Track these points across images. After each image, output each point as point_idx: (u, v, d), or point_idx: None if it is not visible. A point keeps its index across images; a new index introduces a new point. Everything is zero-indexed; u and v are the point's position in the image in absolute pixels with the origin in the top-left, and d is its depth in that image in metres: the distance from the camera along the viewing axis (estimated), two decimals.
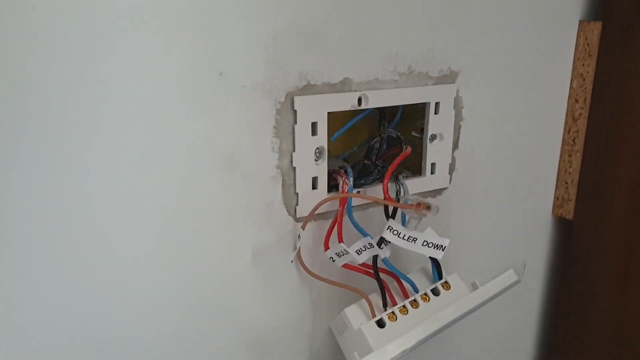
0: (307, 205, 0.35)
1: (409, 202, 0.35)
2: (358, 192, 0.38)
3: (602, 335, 0.51)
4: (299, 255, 0.37)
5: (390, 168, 0.35)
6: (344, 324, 0.36)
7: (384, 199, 0.35)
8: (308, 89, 0.34)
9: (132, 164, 0.30)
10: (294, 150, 0.34)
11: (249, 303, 0.37)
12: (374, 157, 0.41)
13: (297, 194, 0.35)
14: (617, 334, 0.50)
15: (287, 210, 0.36)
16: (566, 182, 0.50)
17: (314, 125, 0.34)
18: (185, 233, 0.33)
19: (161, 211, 0.31)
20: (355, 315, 0.36)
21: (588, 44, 0.46)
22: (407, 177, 0.41)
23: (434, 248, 0.34)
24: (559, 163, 0.50)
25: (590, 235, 0.50)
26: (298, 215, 0.36)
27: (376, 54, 0.36)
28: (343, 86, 0.35)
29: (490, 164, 0.45)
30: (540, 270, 0.54)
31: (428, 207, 0.35)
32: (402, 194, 0.38)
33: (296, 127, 0.34)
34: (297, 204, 0.36)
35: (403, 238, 0.35)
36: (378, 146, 0.41)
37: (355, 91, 0.36)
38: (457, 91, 0.40)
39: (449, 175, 0.42)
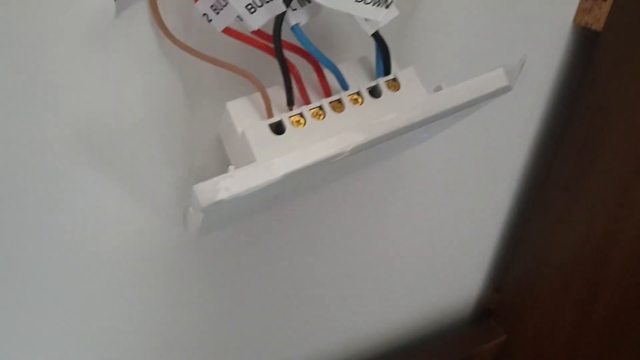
0: None
1: None
2: None
3: (612, 169, 0.39)
4: (155, 10, 0.22)
5: None
6: (229, 126, 0.24)
7: None
8: None
9: None
10: None
11: (83, 84, 0.23)
12: None
13: None
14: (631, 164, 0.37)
15: None
16: None
17: None
18: None
19: None
20: (243, 114, 0.23)
21: None
22: None
23: (374, 4, 0.20)
24: None
25: (621, 50, 0.35)
26: None
27: None
28: None
29: None
30: (547, 86, 0.41)
31: None
32: None
33: None
34: None
35: None
36: None
37: None
38: None
39: None
